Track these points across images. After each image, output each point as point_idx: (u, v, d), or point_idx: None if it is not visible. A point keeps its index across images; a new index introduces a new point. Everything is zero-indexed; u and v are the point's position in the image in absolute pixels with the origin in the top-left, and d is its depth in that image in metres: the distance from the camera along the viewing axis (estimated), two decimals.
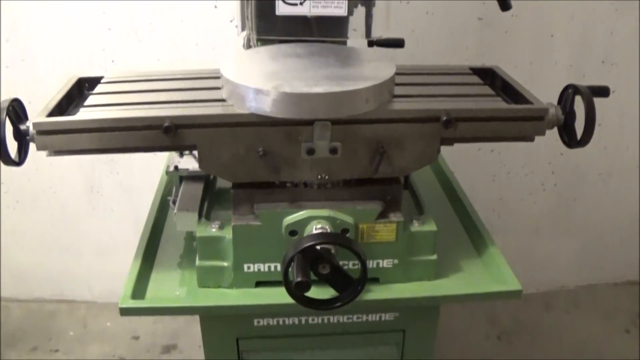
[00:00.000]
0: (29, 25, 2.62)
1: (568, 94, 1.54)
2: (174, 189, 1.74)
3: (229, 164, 1.43)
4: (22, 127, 1.41)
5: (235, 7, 1.48)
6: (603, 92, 1.56)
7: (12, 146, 1.39)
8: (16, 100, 1.44)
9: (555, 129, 1.54)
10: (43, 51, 2.66)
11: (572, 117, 1.53)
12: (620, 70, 2.82)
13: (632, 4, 2.71)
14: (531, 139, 1.53)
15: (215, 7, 2.57)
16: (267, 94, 1.35)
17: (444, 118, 1.41)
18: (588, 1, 2.70)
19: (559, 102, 1.56)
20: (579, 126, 1.49)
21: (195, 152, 1.53)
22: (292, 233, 1.44)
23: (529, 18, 2.67)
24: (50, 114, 1.46)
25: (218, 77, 1.48)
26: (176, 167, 1.72)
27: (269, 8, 1.46)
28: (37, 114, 1.44)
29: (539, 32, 2.72)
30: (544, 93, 1.63)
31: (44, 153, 1.43)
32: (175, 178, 1.74)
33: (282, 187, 1.48)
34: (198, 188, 1.68)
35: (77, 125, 1.41)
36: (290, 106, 1.35)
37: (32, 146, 1.43)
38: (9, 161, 1.40)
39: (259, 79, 1.41)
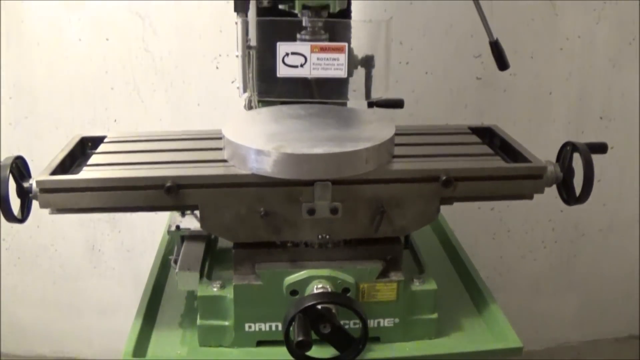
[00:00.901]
0: (33, 83, 2.65)
1: (566, 151, 1.56)
2: (175, 249, 1.74)
3: (230, 224, 1.44)
4: (25, 184, 1.43)
5: (237, 68, 1.50)
6: (601, 148, 1.57)
7: (14, 203, 1.40)
8: (19, 157, 1.45)
9: (555, 186, 1.56)
10: (46, 109, 2.68)
11: (571, 175, 1.54)
12: (619, 125, 2.84)
13: (630, 59, 2.74)
14: (530, 197, 1.54)
15: (217, 68, 2.61)
16: (268, 155, 1.36)
17: (443, 178, 1.42)
18: (585, 58, 2.73)
19: (558, 159, 1.57)
20: (578, 183, 1.51)
21: (197, 212, 1.54)
22: (293, 293, 1.44)
23: (527, 76, 2.70)
24: (54, 172, 1.47)
25: (220, 138, 1.50)
26: (178, 227, 1.73)
27: (270, 70, 1.48)
28: (40, 172, 1.45)
29: (537, 90, 2.75)
30: (543, 150, 1.64)
31: (45, 210, 1.44)
32: (177, 237, 1.74)
33: (283, 247, 1.49)
34: (199, 247, 1.68)
35: (80, 184, 1.42)
36: (291, 167, 1.36)
37: (34, 203, 1.44)
38: (11, 218, 1.41)
39: (260, 140, 1.42)
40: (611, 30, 2.71)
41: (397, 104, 1.80)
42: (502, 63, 1.70)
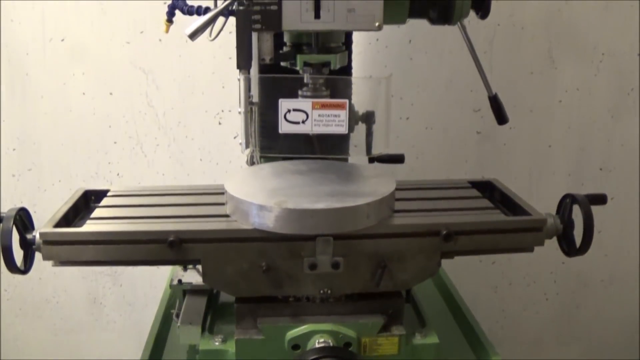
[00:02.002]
0: (37, 135, 2.67)
1: (566, 203, 1.57)
2: (177, 302, 1.74)
3: (232, 279, 1.44)
4: (29, 236, 1.45)
5: (240, 124, 1.52)
6: (600, 199, 1.59)
7: (17, 254, 1.41)
8: (23, 209, 1.47)
9: (555, 238, 1.57)
10: (50, 162, 2.70)
11: (571, 226, 1.56)
12: (619, 176, 2.85)
13: (629, 110, 2.76)
14: (531, 250, 1.55)
15: (220, 123, 2.63)
16: (270, 210, 1.38)
17: (444, 232, 1.44)
18: (584, 110, 2.75)
19: (558, 211, 1.59)
20: (579, 234, 1.52)
21: (199, 267, 1.55)
22: (295, 347, 1.44)
23: (527, 130, 2.72)
24: (57, 225, 1.49)
25: (222, 193, 1.52)
26: (180, 281, 1.74)
27: (272, 126, 1.49)
28: (43, 224, 1.47)
29: (537, 143, 2.76)
30: (544, 203, 1.66)
31: (47, 262, 1.45)
32: (179, 291, 1.75)
33: (284, 301, 1.49)
34: (201, 302, 1.69)
35: (83, 237, 1.44)
36: (293, 222, 1.38)
37: (37, 255, 1.45)
38: (14, 269, 1.42)
39: (262, 195, 1.44)
40: (609, 82, 2.73)
41: (397, 159, 1.81)
42: (501, 117, 1.72)
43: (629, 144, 2.81)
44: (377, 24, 1.42)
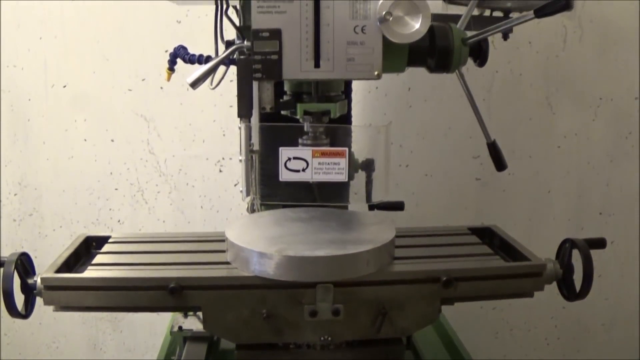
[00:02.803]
0: (38, 181, 2.69)
1: (565, 248, 1.58)
2: (177, 349, 1.74)
3: (233, 326, 1.44)
4: (30, 281, 1.45)
5: (240, 172, 1.53)
6: (600, 244, 1.59)
7: (18, 299, 1.42)
8: (24, 254, 1.47)
9: (555, 283, 1.57)
10: (51, 207, 2.71)
11: (571, 271, 1.56)
12: (618, 220, 2.86)
13: (627, 153, 2.77)
14: (531, 295, 1.56)
15: (220, 171, 2.66)
16: (270, 258, 1.38)
17: (444, 279, 1.44)
18: (583, 155, 2.76)
19: (557, 256, 1.59)
20: (580, 278, 1.52)
21: (200, 313, 1.55)
22: None
23: (526, 175, 2.73)
24: (58, 270, 1.49)
25: (223, 240, 1.52)
26: (180, 328, 1.74)
27: (273, 174, 1.50)
28: (45, 269, 1.48)
29: (536, 188, 2.78)
30: (544, 248, 1.66)
31: (47, 307, 1.46)
32: (179, 338, 1.75)
33: (285, 348, 1.49)
34: (202, 349, 1.69)
35: (84, 282, 1.45)
36: (293, 269, 1.38)
37: (38, 300, 1.46)
38: (15, 313, 1.43)
39: (263, 242, 1.45)
40: (607, 126, 2.75)
41: (397, 206, 1.82)
42: (499, 164, 1.73)
43: (628, 187, 2.82)
44: (376, 72, 1.44)
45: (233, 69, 1.51)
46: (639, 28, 2.66)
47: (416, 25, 1.40)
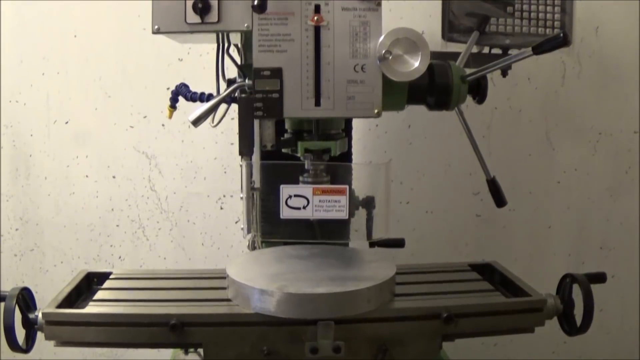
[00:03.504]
0: (40, 216, 2.69)
1: (566, 283, 1.58)
2: None
3: None
4: (31, 315, 1.46)
5: (241, 209, 1.54)
6: (600, 278, 1.60)
7: (19, 333, 1.43)
8: (26, 289, 1.48)
9: (556, 318, 1.57)
10: (52, 243, 2.71)
11: (571, 306, 1.57)
12: (619, 254, 2.85)
13: (627, 187, 2.77)
14: (532, 330, 1.56)
15: (221, 208, 2.66)
16: (271, 295, 1.39)
17: (444, 315, 1.44)
18: (583, 190, 2.77)
19: (558, 291, 1.60)
20: (581, 313, 1.52)
21: (201, 350, 1.55)
22: None
23: (526, 211, 2.73)
24: (60, 306, 1.50)
25: (223, 277, 1.53)
26: None
27: (274, 212, 1.51)
28: (47, 304, 1.48)
29: (537, 224, 2.78)
30: (545, 283, 1.66)
31: (48, 342, 1.46)
32: None
33: None
34: None
35: (86, 318, 1.45)
36: (294, 306, 1.39)
37: (39, 335, 1.46)
38: (16, 348, 1.43)
39: (264, 279, 1.45)
40: (607, 161, 2.76)
41: (398, 243, 1.83)
42: (499, 200, 1.74)
43: (628, 221, 2.82)
44: (376, 111, 1.45)
45: (234, 107, 1.52)
46: (638, 62, 2.67)
47: (415, 64, 1.42)
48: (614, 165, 2.77)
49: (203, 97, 1.58)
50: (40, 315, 1.45)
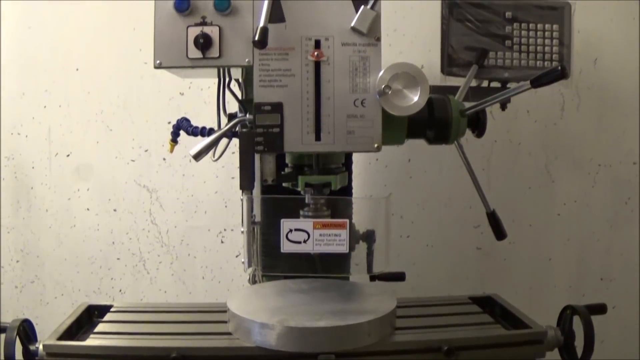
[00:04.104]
0: (40, 249, 2.69)
1: (566, 315, 1.59)
2: None
3: None
4: (32, 347, 1.46)
5: (242, 243, 1.54)
6: (600, 309, 1.60)
7: None
8: (26, 320, 1.49)
9: (557, 350, 1.57)
10: (53, 275, 2.70)
11: (572, 338, 1.57)
12: (619, 285, 2.84)
13: (627, 218, 2.77)
14: None
15: (222, 242, 2.67)
16: (272, 328, 1.39)
17: (445, 348, 1.44)
18: (583, 221, 2.77)
19: (558, 323, 1.60)
20: (581, 345, 1.52)
21: None
22: None
23: (526, 244, 2.73)
24: (61, 338, 1.50)
25: (224, 311, 1.53)
26: None
27: (274, 245, 1.51)
28: (48, 336, 1.49)
29: (537, 256, 2.77)
30: (546, 316, 1.66)
31: None
32: None
33: None
34: None
35: (86, 350, 1.46)
36: (295, 340, 1.39)
37: None
38: None
39: (264, 313, 1.45)
40: (607, 192, 2.76)
41: (398, 277, 1.83)
42: (499, 233, 1.75)
43: (629, 252, 2.81)
44: (376, 145, 1.46)
45: (235, 141, 1.53)
46: (638, 93, 2.69)
47: (415, 98, 1.43)
48: (613, 197, 2.77)
49: (204, 132, 1.59)
50: (41, 347, 1.45)
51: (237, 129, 1.51)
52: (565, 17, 1.95)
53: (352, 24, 1.44)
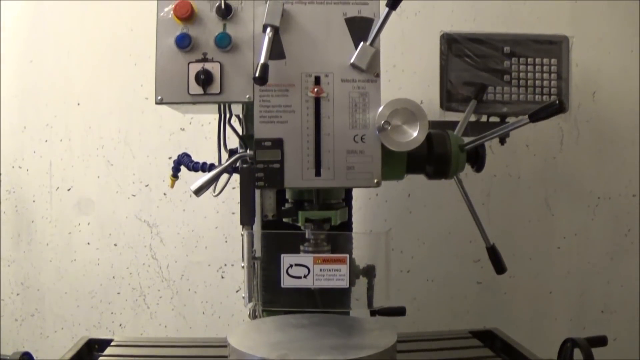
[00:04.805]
0: (41, 282, 2.70)
1: (567, 347, 1.58)
2: None
3: None
4: None
5: (243, 278, 1.55)
6: (601, 342, 1.60)
7: None
8: (27, 354, 1.48)
9: None
10: (53, 309, 2.70)
11: None
12: (620, 317, 2.83)
13: (627, 250, 2.77)
14: None
15: (222, 277, 2.67)
16: None
17: None
18: (583, 254, 2.77)
19: (559, 356, 1.59)
20: None
21: None
22: None
23: (527, 277, 2.73)
24: None
25: (224, 346, 1.52)
26: None
27: (275, 281, 1.51)
28: None
29: (537, 290, 2.77)
30: (547, 349, 1.67)
31: None
32: None
33: None
34: None
35: None
36: None
37: None
38: None
39: (265, 348, 1.44)
40: (606, 225, 2.76)
41: (399, 312, 1.83)
42: (499, 267, 1.75)
43: (629, 283, 2.81)
44: (375, 180, 1.47)
45: (236, 176, 1.53)
46: (638, 125, 2.70)
47: (414, 134, 1.44)
48: (613, 229, 2.77)
49: (205, 167, 1.60)
50: None
51: (237, 164, 1.52)
52: (563, 51, 1.97)
53: (352, 61, 1.45)
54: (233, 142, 1.67)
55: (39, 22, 2.64)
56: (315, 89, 1.45)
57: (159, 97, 1.46)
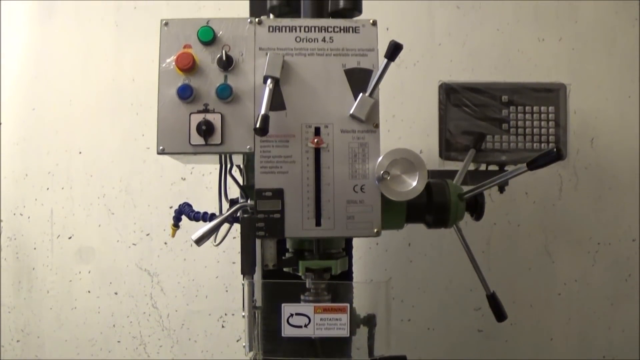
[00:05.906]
0: (41, 330, 2.69)
1: None
2: None
3: None
4: None
5: (244, 328, 1.54)
6: None
7: None
8: None
9: None
10: (53, 357, 2.69)
11: None
12: None
13: (627, 295, 2.75)
14: None
15: (223, 327, 2.66)
16: None
17: None
18: (584, 301, 2.76)
19: None
20: None
21: None
22: None
23: (528, 325, 2.72)
24: None
25: None
26: None
27: (275, 330, 1.51)
28: None
29: (538, 337, 2.76)
30: None
31: None
32: None
33: None
34: None
35: None
36: None
37: None
38: None
39: None
40: (607, 270, 2.76)
41: None
42: (499, 315, 1.75)
43: (630, 329, 2.79)
44: (375, 230, 1.48)
45: (236, 226, 1.55)
46: (638, 170, 2.71)
47: (413, 183, 1.45)
48: (613, 274, 2.77)
49: (206, 217, 1.61)
50: None
51: (238, 214, 1.53)
52: (561, 99, 1.99)
53: (351, 112, 1.47)
54: (234, 192, 1.68)
55: (41, 70, 2.68)
56: (315, 140, 1.47)
57: (161, 147, 1.47)
